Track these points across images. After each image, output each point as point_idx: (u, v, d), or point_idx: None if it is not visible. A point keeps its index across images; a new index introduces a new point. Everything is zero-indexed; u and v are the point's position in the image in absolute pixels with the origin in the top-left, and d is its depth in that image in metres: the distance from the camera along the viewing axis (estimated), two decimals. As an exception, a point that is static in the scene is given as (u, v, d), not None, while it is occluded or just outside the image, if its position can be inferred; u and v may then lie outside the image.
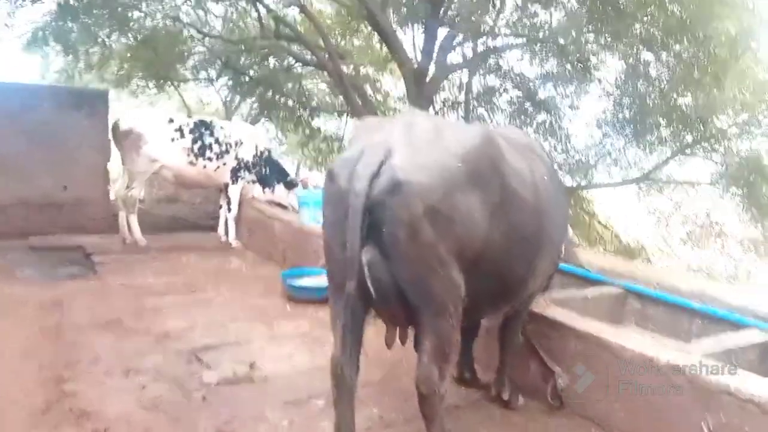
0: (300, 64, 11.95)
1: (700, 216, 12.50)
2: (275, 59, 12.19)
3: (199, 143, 7.47)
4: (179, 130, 7.41)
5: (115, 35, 9.62)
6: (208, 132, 7.57)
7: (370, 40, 13.40)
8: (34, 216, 7.95)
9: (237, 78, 12.62)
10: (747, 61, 9.29)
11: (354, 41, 13.49)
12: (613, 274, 4.56)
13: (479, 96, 12.18)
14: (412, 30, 11.48)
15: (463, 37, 10.57)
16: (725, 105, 9.80)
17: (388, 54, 11.58)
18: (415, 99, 10.17)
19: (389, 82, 14.60)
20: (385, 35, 10.12)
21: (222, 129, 7.73)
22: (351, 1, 10.79)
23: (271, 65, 12.41)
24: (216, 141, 7.59)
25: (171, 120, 7.50)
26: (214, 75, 12.90)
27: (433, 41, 10.30)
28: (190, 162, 7.44)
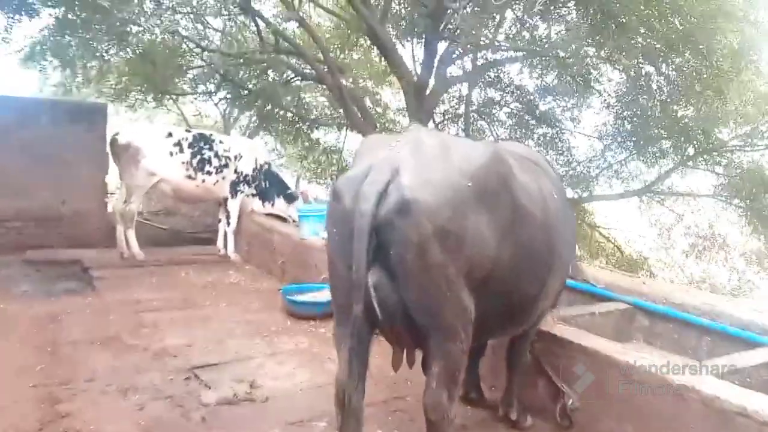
0: (299, 77, 11.92)
1: (702, 228, 12.47)
2: (274, 72, 12.17)
3: (198, 157, 7.44)
4: (178, 144, 7.37)
5: (114, 49, 9.58)
6: (207, 146, 7.53)
7: (369, 53, 13.40)
8: (31, 230, 7.90)
9: (236, 91, 12.57)
10: (749, 74, 9.30)
11: (353, 55, 13.47)
12: (620, 289, 4.48)
13: (479, 109, 12.16)
14: (411, 43, 11.49)
15: (463, 51, 10.54)
16: (727, 117, 9.81)
17: (387, 67, 11.56)
18: (415, 112, 10.13)
19: (388, 94, 14.61)
20: (385, 49, 10.10)
21: (221, 143, 7.70)
22: (350, 15, 10.79)
23: (270, 78, 12.38)
24: (215, 155, 7.55)
25: (170, 134, 7.47)
26: (212, 88, 12.86)
27: (433, 54, 10.28)
28: (188, 176, 7.39)
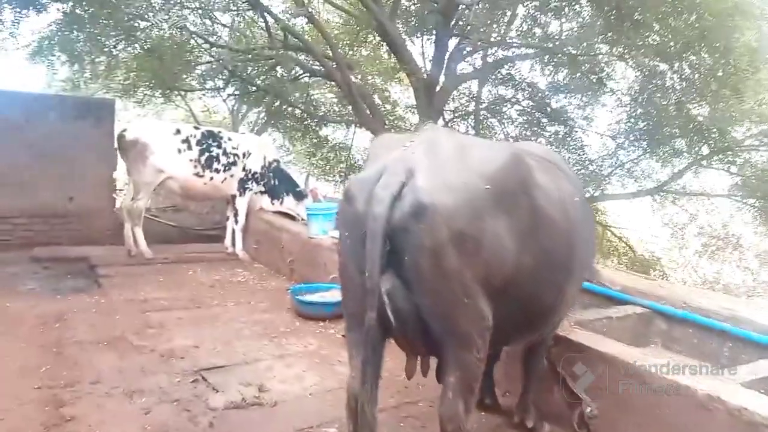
0: (308, 74, 11.85)
1: (715, 228, 12.28)
2: (282, 69, 12.11)
3: (206, 155, 7.37)
4: (186, 141, 7.31)
5: (122, 44, 9.53)
6: (215, 143, 7.46)
7: (378, 50, 13.30)
8: (39, 227, 7.87)
9: (244, 87, 12.54)
10: (766, 72, 9.13)
11: (362, 51, 13.37)
12: (636, 292, 4.36)
13: (489, 106, 12.03)
14: (421, 40, 11.38)
15: (474, 48, 10.43)
16: (743, 116, 9.65)
17: (396, 64, 11.46)
18: (425, 109, 10.04)
19: (397, 91, 14.50)
20: (395, 45, 10.01)
21: (229, 140, 7.63)
22: (359, 11, 10.69)
23: (279, 75, 12.32)
24: (223, 152, 7.48)
25: (178, 131, 7.41)
26: (221, 84, 12.82)
27: (444, 51, 10.17)
28: (196, 173, 7.32)
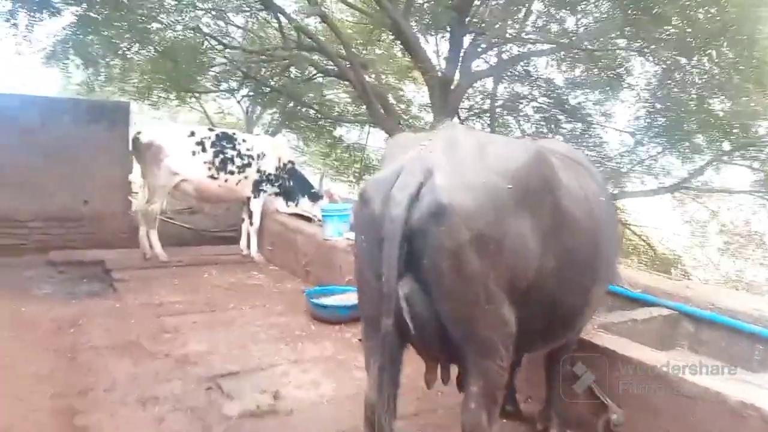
0: (321, 74, 11.79)
1: (737, 225, 12.00)
2: (296, 69, 12.06)
3: (221, 157, 7.33)
4: (200, 143, 7.27)
5: (136, 47, 9.53)
6: (229, 145, 7.42)
7: (391, 48, 13.20)
8: (54, 231, 7.84)
9: (258, 89, 12.52)
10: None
11: (376, 50, 13.29)
12: (661, 293, 4.22)
13: (505, 104, 11.88)
14: (435, 38, 11.26)
15: (489, 44, 10.29)
16: (767, 111, 9.40)
17: (410, 62, 11.36)
18: (440, 107, 9.93)
19: (411, 90, 14.39)
20: (409, 43, 9.91)
21: (244, 142, 7.57)
22: (373, 10, 10.61)
23: (293, 75, 12.28)
24: (238, 154, 7.44)
25: (192, 133, 7.37)
26: (235, 86, 12.81)
27: (459, 48, 10.05)
28: (211, 176, 7.28)
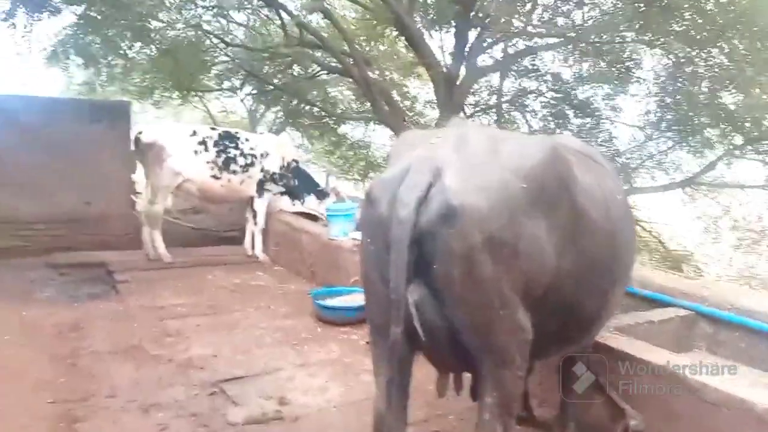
0: (325, 71, 11.68)
1: (751, 221, 11.81)
2: (299, 67, 11.96)
3: (224, 156, 7.23)
4: (203, 142, 7.18)
5: (137, 46, 9.44)
6: (232, 144, 7.32)
7: (395, 44, 13.09)
8: (56, 232, 7.74)
9: (261, 87, 12.43)
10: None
11: (379, 46, 13.17)
12: (678, 293, 4.08)
13: (512, 99, 11.75)
14: (440, 33, 11.14)
15: (495, 39, 10.16)
16: (780, 103, 9.23)
17: (414, 58, 11.25)
18: (445, 104, 9.82)
19: (416, 86, 14.25)
20: (413, 39, 9.82)
21: (247, 141, 7.48)
22: (376, 5, 10.49)
23: (296, 73, 12.19)
24: (241, 153, 7.34)
25: (194, 132, 7.28)
26: (238, 84, 12.72)
27: (464, 44, 9.94)
28: (213, 176, 7.19)
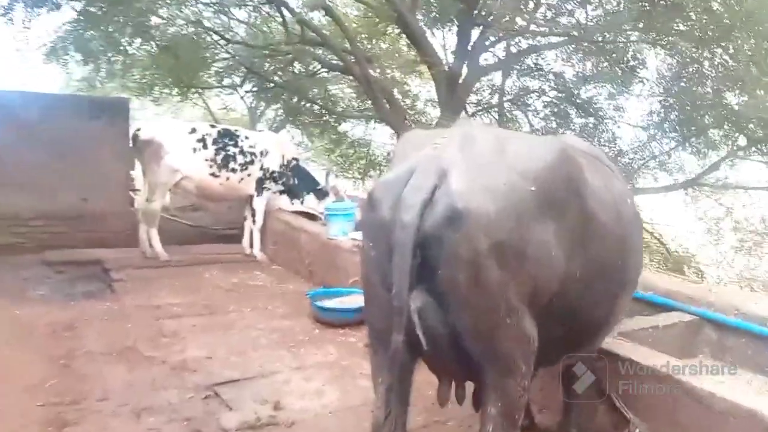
0: (326, 69, 11.59)
1: (753, 222, 11.72)
2: (300, 64, 11.88)
3: (223, 154, 7.15)
4: (202, 140, 7.10)
5: (137, 42, 9.35)
6: (231, 142, 7.24)
7: (397, 42, 13.00)
8: (53, 229, 7.66)
9: (261, 84, 12.35)
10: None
11: (381, 44, 13.08)
12: (682, 297, 4.00)
13: (514, 98, 11.66)
14: (442, 31, 11.07)
15: (498, 38, 10.08)
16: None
17: (416, 57, 11.16)
18: (447, 102, 9.74)
19: (417, 85, 14.17)
20: (415, 37, 9.74)
21: (246, 139, 7.39)
22: (378, 3, 10.41)
23: (296, 70, 12.10)
24: (240, 151, 7.26)
25: (193, 130, 7.21)
26: (238, 81, 12.64)
27: (466, 42, 9.85)
28: (212, 173, 7.11)
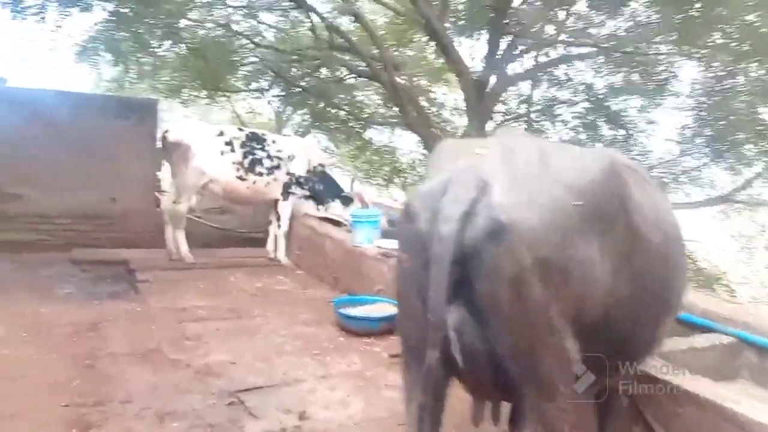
0: (353, 75, 11.59)
1: (789, 241, 11.44)
2: (327, 70, 11.90)
3: (250, 158, 7.17)
4: (229, 143, 7.13)
5: (167, 44, 9.44)
6: (259, 146, 7.27)
7: (424, 50, 12.96)
8: (80, 227, 7.75)
9: (288, 89, 12.39)
10: None
11: (408, 51, 13.06)
12: (720, 318, 3.87)
13: (543, 108, 11.54)
14: (471, 39, 10.99)
15: (527, 47, 9.99)
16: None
17: (443, 64, 11.11)
18: (474, 111, 9.66)
19: (444, 92, 14.11)
20: (443, 45, 9.69)
21: (274, 143, 7.41)
22: (407, 9, 10.38)
23: (323, 76, 12.12)
24: (267, 155, 7.28)
25: (221, 133, 7.23)
26: (265, 86, 12.70)
27: (495, 51, 9.77)
28: (239, 177, 7.13)
